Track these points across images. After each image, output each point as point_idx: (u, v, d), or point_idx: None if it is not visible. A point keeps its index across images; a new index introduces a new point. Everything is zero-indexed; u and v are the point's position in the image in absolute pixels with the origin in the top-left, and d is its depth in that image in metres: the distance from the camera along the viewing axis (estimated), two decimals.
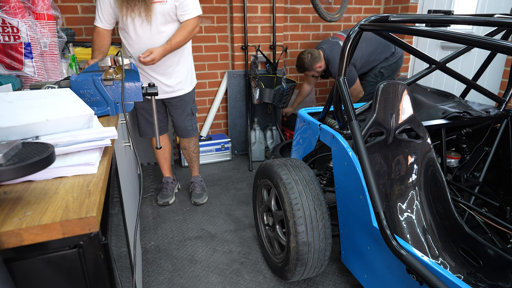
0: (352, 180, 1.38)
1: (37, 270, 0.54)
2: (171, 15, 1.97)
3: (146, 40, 1.98)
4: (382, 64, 2.89)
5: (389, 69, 2.89)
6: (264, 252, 1.88)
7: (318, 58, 2.88)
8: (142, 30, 1.96)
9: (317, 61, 2.88)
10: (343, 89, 1.41)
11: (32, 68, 1.31)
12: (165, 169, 2.57)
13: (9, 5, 1.21)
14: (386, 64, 2.88)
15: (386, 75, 2.90)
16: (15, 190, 0.60)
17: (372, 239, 1.31)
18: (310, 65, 2.88)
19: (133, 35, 1.98)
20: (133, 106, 1.10)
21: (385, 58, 2.87)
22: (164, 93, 2.17)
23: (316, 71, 2.93)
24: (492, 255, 1.34)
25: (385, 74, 2.90)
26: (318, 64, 2.89)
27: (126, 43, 2.05)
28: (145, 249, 2.01)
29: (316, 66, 2.89)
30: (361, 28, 1.41)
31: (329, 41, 2.94)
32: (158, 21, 1.95)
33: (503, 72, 2.73)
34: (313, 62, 2.87)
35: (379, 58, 2.87)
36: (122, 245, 0.96)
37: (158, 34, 1.98)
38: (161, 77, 2.12)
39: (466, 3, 3.05)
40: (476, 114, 1.77)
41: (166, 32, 1.99)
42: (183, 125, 2.34)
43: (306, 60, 2.88)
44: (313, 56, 2.87)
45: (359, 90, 2.94)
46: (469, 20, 1.19)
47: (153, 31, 1.97)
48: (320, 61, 2.89)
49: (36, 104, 0.77)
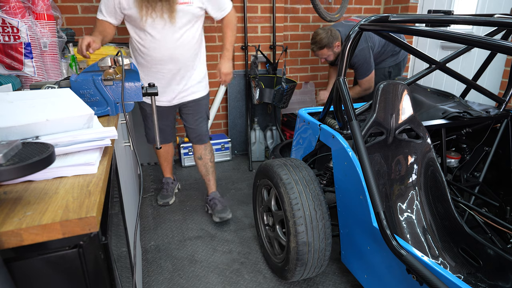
0: (352, 180, 1.38)
1: (37, 270, 0.54)
2: (195, 18, 1.86)
3: (168, 43, 1.84)
4: (389, 63, 2.80)
5: (396, 68, 2.82)
6: (264, 252, 1.88)
7: (337, 36, 2.62)
8: (164, 32, 1.81)
9: (337, 39, 2.62)
10: (343, 89, 1.41)
11: (32, 68, 1.31)
12: (166, 170, 2.54)
13: (9, 5, 1.21)
14: (394, 63, 2.79)
15: (394, 75, 2.83)
16: (15, 190, 0.60)
17: (372, 239, 1.31)
18: (331, 41, 2.59)
19: (152, 39, 1.83)
20: (133, 106, 1.10)
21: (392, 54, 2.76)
22: (180, 98, 2.06)
23: (333, 51, 2.66)
24: (492, 255, 1.34)
25: (393, 73, 2.83)
26: (337, 42, 2.62)
27: (142, 47, 1.87)
28: (145, 249, 2.01)
29: (335, 44, 2.62)
30: (361, 28, 1.41)
31: (344, 24, 2.74)
32: (182, 23, 1.82)
33: (503, 72, 2.73)
34: (334, 39, 2.60)
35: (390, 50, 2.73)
36: (122, 245, 0.96)
37: (181, 38, 1.85)
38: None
39: (466, 3, 3.05)
40: (476, 114, 1.77)
41: (189, 36, 1.87)
42: (200, 130, 2.19)
43: (326, 36, 2.58)
44: (333, 33, 2.60)
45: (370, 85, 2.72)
46: (469, 20, 1.19)
47: (176, 34, 1.83)
48: (338, 40, 2.63)
49: (36, 104, 0.77)
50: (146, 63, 1.93)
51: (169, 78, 1.97)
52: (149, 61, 1.91)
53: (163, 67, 1.92)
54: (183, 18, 1.81)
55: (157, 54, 1.86)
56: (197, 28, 1.91)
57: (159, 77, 1.95)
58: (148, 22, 1.78)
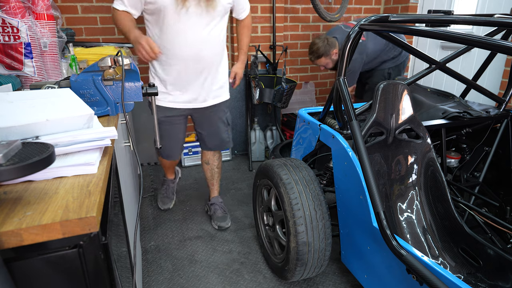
0: (352, 180, 1.38)
1: (37, 270, 0.54)
2: (224, 12, 1.77)
3: (195, 39, 1.70)
4: (389, 64, 2.80)
5: (396, 70, 2.82)
6: (264, 252, 1.88)
7: (334, 44, 2.65)
8: (197, 23, 1.68)
9: (334, 47, 2.65)
10: (343, 89, 1.41)
11: (32, 68, 1.31)
12: (168, 172, 2.46)
13: (9, 5, 1.21)
14: (394, 65, 2.79)
15: (393, 76, 2.83)
16: (15, 190, 0.60)
17: (372, 239, 1.31)
18: (327, 50, 2.63)
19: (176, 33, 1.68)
20: (133, 106, 1.10)
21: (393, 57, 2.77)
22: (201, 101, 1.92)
23: (331, 59, 2.69)
24: (492, 255, 1.34)
25: (393, 74, 2.83)
26: (335, 50, 2.65)
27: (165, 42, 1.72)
28: (145, 249, 2.01)
29: (333, 52, 2.65)
30: (361, 28, 1.41)
31: (342, 30, 2.75)
32: (218, 14, 1.70)
33: (503, 72, 2.73)
34: (331, 47, 2.63)
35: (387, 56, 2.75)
36: (122, 245, 0.96)
37: (209, 34, 1.73)
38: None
39: (466, 3, 3.05)
40: (476, 114, 1.77)
41: (216, 31, 1.76)
42: (221, 136, 2.07)
43: (323, 45, 2.62)
44: (329, 41, 2.63)
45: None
46: (469, 20, 1.19)
47: (204, 31, 1.71)
48: (336, 48, 2.66)
49: (36, 104, 0.77)
50: (167, 60, 1.78)
51: (191, 79, 1.84)
52: (170, 58, 1.77)
53: (187, 66, 1.78)
54: (220, 8, 1.71)
55: (181, 52, 1.73)
56: (223, 25, 1.82)
57: (182, 76, 1.82)
58: (182, 11, 1.63)
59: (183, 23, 1.66)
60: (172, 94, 1.87)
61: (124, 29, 1.69)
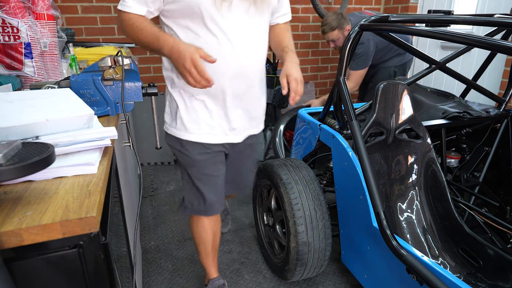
0: (352, 180, 1.38)
1: (37, 270, 0.54)
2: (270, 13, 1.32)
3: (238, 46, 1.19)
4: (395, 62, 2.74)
5: (402, 69, 2.77)
6: (264, 252, 1.88)
7: (348, 21, 2.54)
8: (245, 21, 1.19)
9: (348, 23, 2.54)
10: (343, 89, 1.41)
11: (32, 68, 1.31)
12: (211, 265, 1.59)
13: (9, 5, 1.21)
14: (400, 63, 2.74)
15: (399, 75, 2.78)
16: (15, 190, 0.60)
17: (372, 239, 1.31)
18: (342, 23, 2.51)
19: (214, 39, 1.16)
20: (133, 106, 1.10)
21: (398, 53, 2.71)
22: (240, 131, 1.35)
23: (343, 35, 2.56)
24: (492, 255, 1.34)
25: (398, 73, 2.78)
26: (348, 26, 2.54)
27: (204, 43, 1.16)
28: (145, 249, 2.01)
29: (346, 28, 2.54)
30: (361, 28, 1.41)
31: (356, 15, 2.68)
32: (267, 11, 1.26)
33: (503, 72, 2.73)
34: (345, 22, 2.53)
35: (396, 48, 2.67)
36: (122, 245, 0.96)
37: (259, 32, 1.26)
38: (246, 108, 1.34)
39: (466, 3, 3.05)
40: (476, 114, 1.77)
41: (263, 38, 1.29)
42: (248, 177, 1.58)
43: (338, 18, 2.51)
44: (344, 16, 2.53)
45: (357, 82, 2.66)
46: (469, 20, 1.19)
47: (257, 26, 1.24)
48: (349, 24, 2.54)
49: (36, 104, 0.77)
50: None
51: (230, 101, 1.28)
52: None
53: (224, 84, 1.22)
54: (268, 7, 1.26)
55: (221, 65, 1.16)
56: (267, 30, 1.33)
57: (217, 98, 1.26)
58: (223, 6, 1.13)
59: (225, 24, 1.16)
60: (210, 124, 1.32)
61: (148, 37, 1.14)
